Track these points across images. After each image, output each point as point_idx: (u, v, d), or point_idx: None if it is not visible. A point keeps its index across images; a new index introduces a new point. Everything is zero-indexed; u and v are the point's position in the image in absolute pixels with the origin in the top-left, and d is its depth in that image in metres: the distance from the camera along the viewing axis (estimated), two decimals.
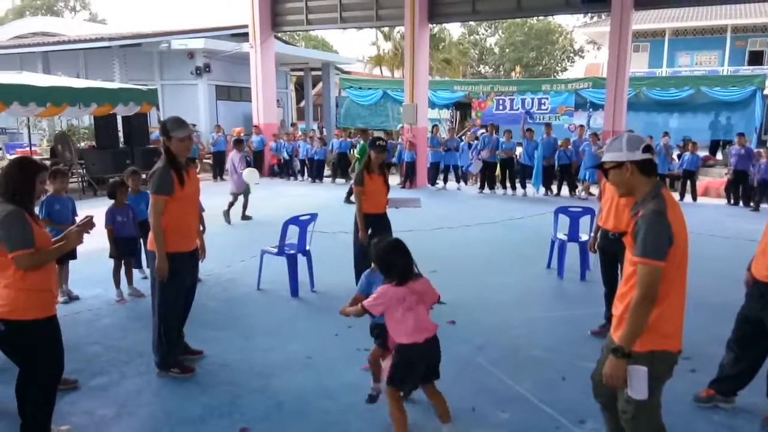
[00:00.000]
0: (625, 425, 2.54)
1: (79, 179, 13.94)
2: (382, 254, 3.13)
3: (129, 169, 6.18)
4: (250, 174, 9.50)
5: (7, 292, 2.92)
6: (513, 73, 36.11)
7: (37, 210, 3.94)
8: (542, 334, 4.91)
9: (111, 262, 5.81)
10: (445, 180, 15.18)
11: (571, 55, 47.62)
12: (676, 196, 12.91)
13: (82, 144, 16.39)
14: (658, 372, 2.43)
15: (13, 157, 15.41)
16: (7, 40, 24.09)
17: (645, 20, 26.76)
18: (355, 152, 14.34)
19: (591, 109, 18.19)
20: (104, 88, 13.43)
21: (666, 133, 14.25)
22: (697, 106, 18.11)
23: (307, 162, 16.63)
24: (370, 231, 5.63)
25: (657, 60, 28.29)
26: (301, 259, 6.10)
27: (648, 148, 2.48)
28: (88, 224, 3.17)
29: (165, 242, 3.89)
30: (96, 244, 6.00)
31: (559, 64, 47.60)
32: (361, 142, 14.30)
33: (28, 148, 15.53)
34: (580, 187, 13.60)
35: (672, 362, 2.49)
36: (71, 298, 5.58)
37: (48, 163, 12.39)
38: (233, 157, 9.98)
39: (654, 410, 2.52)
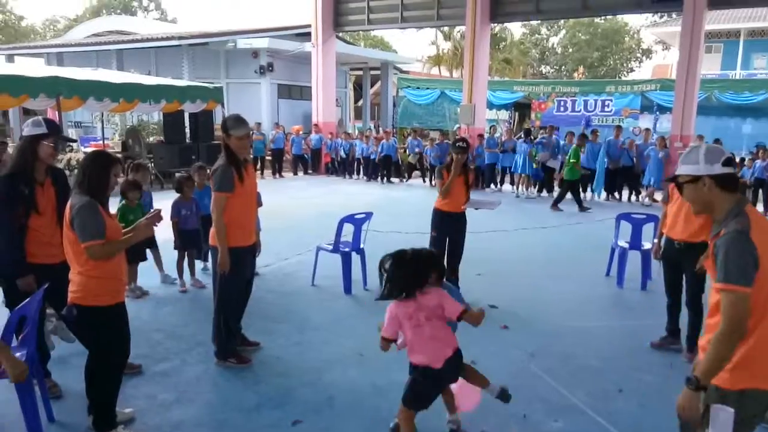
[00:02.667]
0: None
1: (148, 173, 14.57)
2: (382, 267, 2.94)
3: (196, 165, 6.43)
4: None
5: (80, 278, 3.09)
6: (575, 74, 35.18)
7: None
8: (598, 344, 4.78)
9: (175, 253, 6.06)
10: (501, 182, 14.97)
11: (639, 55, 45.94)
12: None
13: (151, 139, 17.14)
14: (748, 412, 2.16)
15: (88, 149, 16.31)
16: (84, 38, 25.44)
17: (718, 20, 25.46)
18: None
19: (658, 112, 17.51)
20: (173, 85, 14.01)
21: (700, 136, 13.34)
22: None
23: (362, 161, 16.77)
24: (445, 228, 5.77)
25: (730, 62, 26.88)
26: (355, 257, 6.17)
27: (729, 161, 2.26)
28: (156, 217, 3.32)
29: (227, 237, 4.03)
30: (161, 235, 6.28)
31: (625, 65, 46.00)
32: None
33: (101, 142, 16.39)
34: (644, 193, 13.13)
35: (766, 402, 2.20)
36: (142, 293, 5.82)
37: (120, 156, 13.03)
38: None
39: None
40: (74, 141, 10.27)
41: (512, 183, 14.86)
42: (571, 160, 11.56)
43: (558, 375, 4.13)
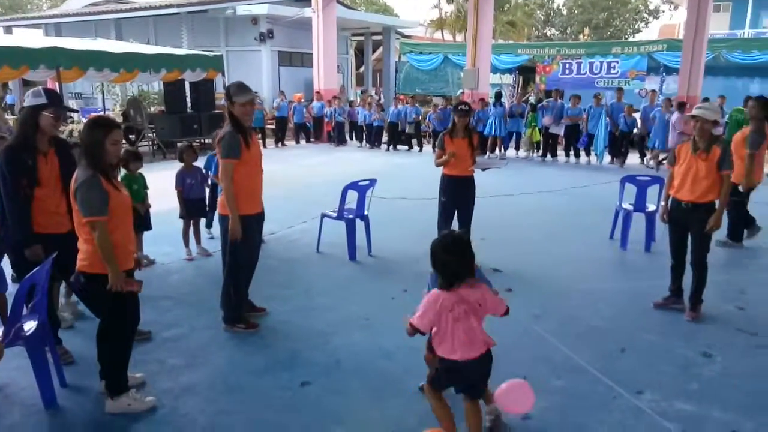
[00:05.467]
0: None
1: (150, 143, 14.56)
2: (435, 249, 2.70)
3: (183, 145, 6.16)
4: None
5: (86, 247, 3.11)
6: (581, 36, 34.57)
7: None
8: (602, 305, 4.82)
9: (181, 223, 6.10)
10: (506, 147, 14.88)
11: (645, 16, 44.98)
12: None
13: (152, 109, 17.06)
14: None
15: None
16: (82, 8, 25.08)
17: None
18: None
19: (664, 73, 17.26)
20: (173, 54, 13.86)
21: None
22: None
23: (365, 128, 16.65)
24: (454, 193, 5.72)
25: (739, 20, 26.33)
26: (360, 224, 6.19)
27: None
28: (134, 286, 3.18)
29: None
30: (167, 205, 6.31)
31: (631, 26, 45.10)
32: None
33: (102, 113, 16.32)
34: (648, 156, 13.03)
35: None
36: (149, 262, 5.88)
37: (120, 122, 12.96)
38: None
39: None
40: (75, 111, 10.20)
41: (516, 148, 14.80)
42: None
43: (561, 336, 4.18)
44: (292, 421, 3.15)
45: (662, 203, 4.80)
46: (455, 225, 5.79)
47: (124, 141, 14.91)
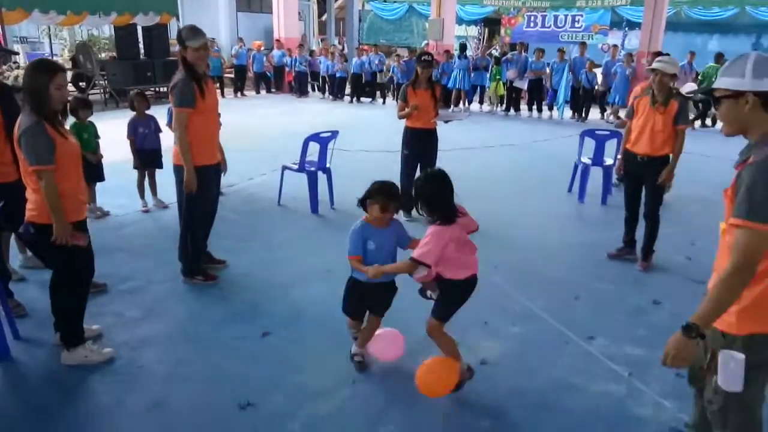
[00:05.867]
0: (710, 417, 2.13)
1: (101, 91, 13.94)
2: (425, 187, 2.82)
3: (134, 92, 5.84)
4: None
5: (34, 197, 2.98)
6: None
7: None
8: (558, 256, 4.95)
9: (135, 174, 5.91)
10: (470, 101, 14.84)
11: None
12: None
13: (103, 55, 16.27)
14: (759, 359, 1.95)
15: None
16: None
17: None
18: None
19: (627, 28, 17.35)
20: None
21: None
22: (739, 28, 17.19)
23: (327, 79, 16.31)
24: (417, 146, 5.68)
25: None
26: (321, 177, 6.13)
27: None
28: (80, 240, 3.06)
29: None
30: (121, 155, 6.10)
31: None
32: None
33: (49, 58, 15.47)
34: (608, 111, 13.22)
35: None
36: (103, 214, 5.71)
37: (70, 74, 12.35)
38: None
39: (749, 406, 2.04)
40: (15, 53, 9.67)
41: (480, 102, 14.78)
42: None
43: (518, 286, 4.28)
44: (253, 370, 3.17)
45: (619, 157, 4.89)
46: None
47: (74, 89, 14.30)
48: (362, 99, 15.66)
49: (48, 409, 2.83)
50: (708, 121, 12.73)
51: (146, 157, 5.80)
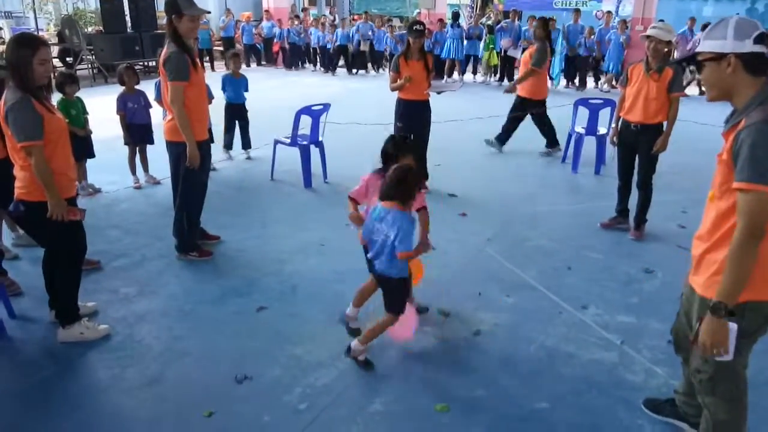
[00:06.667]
0: (698, 386, 2.15)
1: (89, 66, 13.70)
2: (386, 142, 3.08)
3: (123, 66, 5.83)
4: None
5: (23, 174, 2.96)
6: None
7: None
8: (551, 226, 4.97)
9: (126, 149, 5.85)
10: (464, 71, 14.68)
11: None
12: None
13: (90, 29, 15.96)
14: (751, 326, 1.97)
15: None
16: None
17: None
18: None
19: None
20: None
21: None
22: None
23: (319, 51, 16.08)
24: (410, 118, 5.62)
25: None
26: (314, 150, 6.08)
27: (762, 38, 1.86)
28: (77, 215, 3.06)
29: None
30: (111, 131, 6.03)
31: None
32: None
33: (34, 32, 15.16)
34: (603, 79, 13.13)
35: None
36: (95, 191, 5.67)
37: (50, 42, 12.09)
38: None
39: (737, 374, 2.08)
40: None
41: (474, 72, 14.63)
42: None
43: (512, 256, 4.30)
44: (249, 344, 3.19)
45: (613, 125, 4.87)
46: None
47: (61, 64, 14.04)
48: (354, 71, 15.47)
49: (46, 386, 2.85)
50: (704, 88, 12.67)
51: (137, 133, 5.74)
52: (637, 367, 3.01)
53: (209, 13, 4.57)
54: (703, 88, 12.39)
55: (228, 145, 6.95)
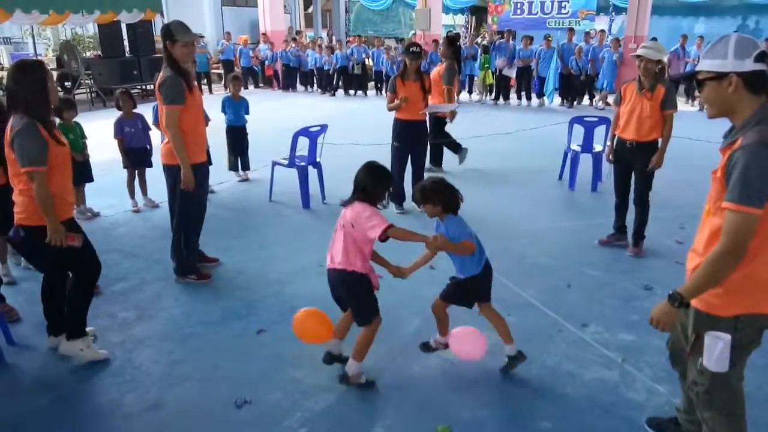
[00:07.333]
0: (695, 399, 2.15)
1: (88, 90, 13.80)
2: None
3: (119, 91, 5.89)
4: None
5: (23, 198, 2.97)
6: None
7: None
8: (550, 244, 4.98)
9: (125, 173, 5.87)
10: (465, 91, 14.79)
11: None
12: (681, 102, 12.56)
13: (88, 54, 16.09)
14: (744, 339, 2.00)
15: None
16: None
17: None
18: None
19: (613, 13, 17.34)
20: None
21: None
22: (724, 9, 17.21)
23: (316, 72, 16.22)
24: (407, 138, 5.68)
25: None
26: (312, 171, 6.11)
27: (762, 56, 1.87)
28: (75, 240, 3.06)
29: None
30: (109, 155, 6.05)
31: None
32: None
33: (33, 58, 15.28)
34: (597, 97, 13.24)
35: (762, 326, 2.02)
36: (93, 215, 5.67)
37: (54, 70, 12.19)
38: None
39: (733, 386, 2.09)
40: None
41: (469, 92, 14.75)
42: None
43: (511, 275, 4.30)
44: (249, 367, 3.17)
45: (608, 143, 4.91)
46: (409, 170, 5.80)
47: (60, 89, 14.12)
48: (351, 92, 15.59)
49: (45, 414, 2.83)
50: (696, 104, 12.79)
51: (134, 156, 5.77)
52: (639, 386, 3.00)
53: (203, 37, 4.64)
54: (695, 103, 12.55)
55: (233, 167, 6.99)
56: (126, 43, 14.28)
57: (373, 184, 2.88)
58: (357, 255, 2.86)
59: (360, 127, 10.24)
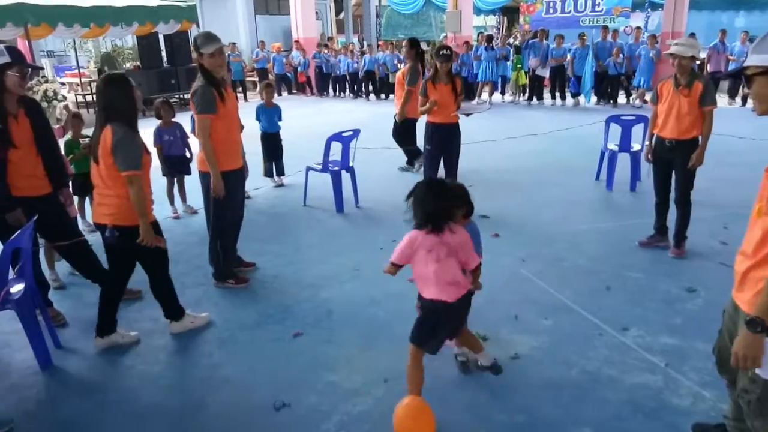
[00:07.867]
0: (745, 407, 2.05)
1: None
2: (416, 188, 2.66)
3: (159, 101, 6.06)
4: None
5: (117, 201, 3.21)
6: None
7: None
8: (588, 246, 4.89)
9: (164, 181, 6.02)
10: (491, 93, 14.69)
11: None
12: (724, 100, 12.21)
13: (128, 65, 16.56)
14: None
15: (64, 80, 15.72)
16: None
17: None
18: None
19: (649, 9, 16.93)
20: (144, 6, 13.37)
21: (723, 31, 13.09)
22: (765, 3, 16.61)
23: (348, 77, 16.33)
24: (439, 141, 5.67)
25: None
26: (345, 176, 6.15)
27: None
28: (161, 242, 3.42)
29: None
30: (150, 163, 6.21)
31: None
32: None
33: (76, 70, 15.82)
34: (634, 95, 12.96)
35: None
36: None
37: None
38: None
39: None
40: (41, 68, 9.95)
41: (502, 93, 14.63)
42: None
43: (548, 277, 4.24)
44: (286, 370, 3.21)
45: (647, 143, 4.79)
46: (441, 172, 5.78)
47: None
48: (381, 96, 15.65)
49: (92, 415, 2.91)
50: (738, 100, 12.40)
51: (173, 164, 5.91)
52: (684, 391, 2.92)
53: (233, 45, 4.75)
54: (737, 99, 12.18)
55: (268, 173, 7.10)
56: (164, 53, 14.65)
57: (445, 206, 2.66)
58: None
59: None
